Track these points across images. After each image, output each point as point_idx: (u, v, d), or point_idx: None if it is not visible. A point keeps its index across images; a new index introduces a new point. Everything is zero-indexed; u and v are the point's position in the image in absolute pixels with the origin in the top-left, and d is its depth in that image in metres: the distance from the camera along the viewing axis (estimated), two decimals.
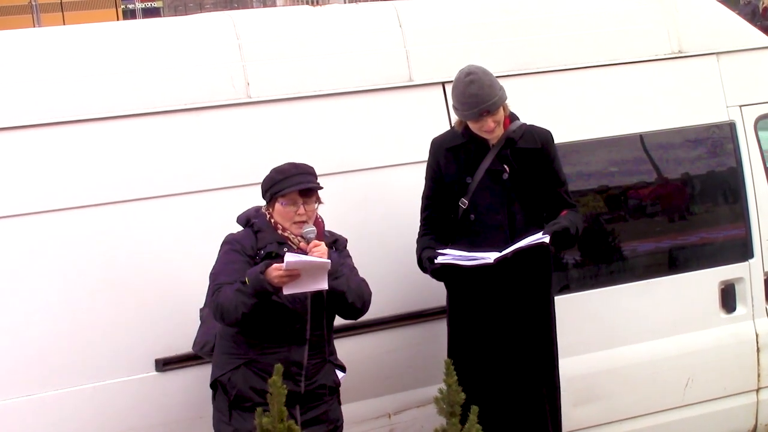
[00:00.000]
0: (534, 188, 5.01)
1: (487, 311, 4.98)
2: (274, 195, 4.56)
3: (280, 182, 4.55)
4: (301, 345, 4.54)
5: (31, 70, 4.80)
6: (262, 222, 4.59)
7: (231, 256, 4.53)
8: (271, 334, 4.51)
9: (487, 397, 4.79)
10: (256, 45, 5.15)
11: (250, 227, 4.60)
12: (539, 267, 4.98)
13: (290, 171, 4.57)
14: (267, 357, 4.47)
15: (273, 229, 4.56)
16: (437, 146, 5.06)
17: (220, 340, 4.62)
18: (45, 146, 4.79)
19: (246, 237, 4.58)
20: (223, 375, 4.55)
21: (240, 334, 4.53)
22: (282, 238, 4.55)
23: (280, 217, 4.57)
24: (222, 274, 4.49)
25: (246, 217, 4.64)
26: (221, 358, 4.59)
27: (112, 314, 4.80)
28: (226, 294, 4.40)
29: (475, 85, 4.84)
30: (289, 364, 4.49)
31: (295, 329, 4.54)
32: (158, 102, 4.95)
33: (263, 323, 4.48)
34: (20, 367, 4.66)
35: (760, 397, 6.06)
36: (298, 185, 4.52)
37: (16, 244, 4.71)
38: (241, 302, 4.37)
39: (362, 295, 4.63)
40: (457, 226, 5.03)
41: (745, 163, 5.97)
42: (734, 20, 6.14)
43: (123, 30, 5.34)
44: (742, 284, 5.95)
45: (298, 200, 4.54)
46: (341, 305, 4.61)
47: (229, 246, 4.57)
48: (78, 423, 4.76)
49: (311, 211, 4.58)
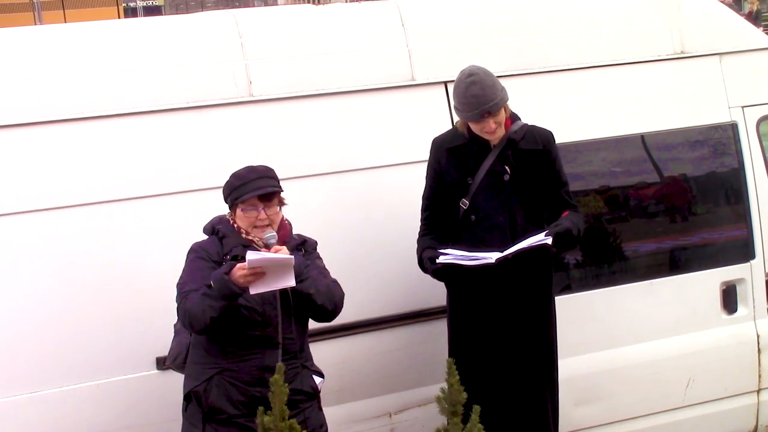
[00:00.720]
0: (535, 189, 5.00)
1: (488, 311, 4.97)
2: (234, 201, 4.50)
3: (238, 188, 4.48)
4: (274, 349, 4.47)
5: (33, 68, 4.80)
6: (226, 228, 4.53)
7: (197, 264, 4.47)
8: (242, 340, 4.44)
9: (488, 397, 4.78)
10: (259, 43, 5.15)
11: (215, 234, 4.55)
12: (539, 267, 4.98)
13: (248, 176, 4.50)
14: (241, 364, 4.42)
15: (237, 234, 4.50)
16: (438, 146, 5.05)
17: (192, 350, 4.55)
18: (45, 144, 4.79)
19: (211, 244, 4.52)
20: (198, 386, 4.46)
21: (212, 342, 4.46)
22: (246, 241, 4.49)
23: (241, 222, 4.51)
24: (188, 281, 4.42)
25: (211, 226, 4.59)
26: (194, 369, 4.52)
27: (114, 312, 4.80)
28: (193, 300, 4.33)
29: (477, 86, 4.83)
30: (263, 369, 4.41)
31: (266, 333, 4.46)
32: (160, 100, 4.95)
33: (234, 329, 4.41)
34: (22, 365, 4.67)
35: (760, 398, 6.06)
36: (257, 190, 4.45)
37: (17, 242, 4.71)
38: (208, 306, 4.29)
39: (332, 297, 4.56)
40: (458, 226, 5.03)
41: (747, 164, 5.97)
42: (737, 21, 6.14)
43: (125, 28, 5.33)
44: (743, 285, 5.95)
45: (258, 205, 4.47)
46: (311, 308, 4.53)
47: (195, 254, 4.51)
48: (79, 420, 4.76)
49: (273, 214, 4.51)
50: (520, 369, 5.00)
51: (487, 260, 4.81)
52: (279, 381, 2.97)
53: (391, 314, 5.26)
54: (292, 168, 5.10)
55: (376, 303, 5.19)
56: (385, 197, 5.27)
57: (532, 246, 4.80)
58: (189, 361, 4.56)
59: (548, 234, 4.81)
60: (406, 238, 5.15)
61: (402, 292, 5.29)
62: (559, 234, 4.83)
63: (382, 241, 5.24)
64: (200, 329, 4.38)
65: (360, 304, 5.17)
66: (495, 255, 4.81)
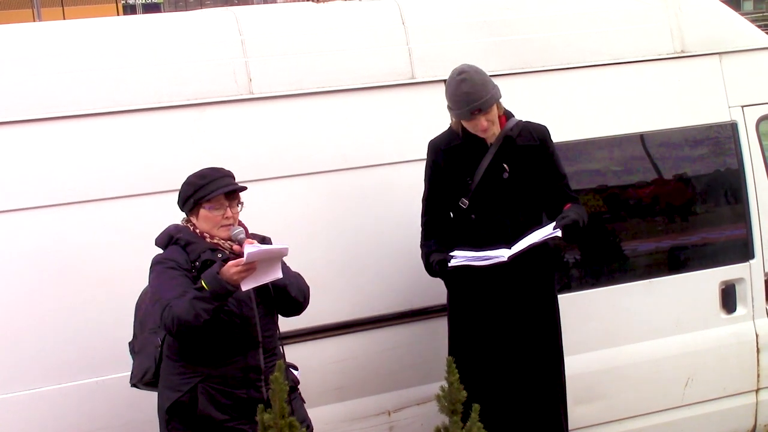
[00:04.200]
0: (534, 185, 5.00)
1: (489, 309, 4.97)
2: (199, 201, 4.42)
3: (204, 187, 4.42)
4: (255, 349, 4.44)
5: (32, 65, 4.80)
6: (187, 235, 4.45)
7: (168, 273, 4.36)
8: (222, 344, 4.39)
9: (488, 395, 4.78)
10: (259, 41, 5.15)
11: (175, 244, 4.46)
12: (541, 264, 4.98)
13: (213, 175, 4.46)
14: (224, 368, 4.38)
15: (201, 239, 4.44)
16: (435, 147, 5.05)
17: (167, 362, 4.44)
18: (45, 141, 4.79)
19: (176, 253, 4.41)
20: (182, 396, 4.38)
21: (189, 351, 4.38)
22: (213, 245, 4.44)
23: (205, 223, 4.45)
24: (165, 291, 4.30)
25: (167, 236, 4.49)
26: (173, 380, 4.42)
27: (112, 310, 4.79)
28: (181, 306, 4.22)
29: (467, 84, 4.82)
30: (248, 370, 4.41)
31: (246, 333, 4.42)
32: (160, 98, 4.95)
33: (214, 333, 4.33)
34: (21, 362, 4.67)
35: (759, 397, 6.06)
36: (224, 188, 4.42)
37: (16, 240, 4.71)
38: (201, 309, 4.20)
39: (302, 289, 4.53)
40: (458, 226, 5.02)
41: (747, 164, 5.97)
42: (737, 21, 6.14)
43: (125, 25, 5.33)
44: (742, 285, 5.95)
45: (224, 203, 4.44)
46: (284, 301, 4.50)
47: (162, 265, 4.39)
48: (78, 417, 4.76)
49: (236, 213, 4.48)
50: (527, 368, 4.99)
51: (499, 259, 4.80)
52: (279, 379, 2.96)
53: (391, 312, 5.26)
54: (292, 166, 5.10)
55: (375, 301, 5.19)
56: (386, 195, 5.27)
57: (543, 240, 4.79)
58: (165, 373, 4.45)
59: (557, 227, 4.79)
60: (407, 236, 5.15)
61: (402, 290, 5.29)
62: (568, 226, 4.81)
63: (382, 239, 5.24)
64: (189, 335, 4.28)
65: (360, 302, 5.17)
66: (507, 252, 4.80)
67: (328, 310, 5.09)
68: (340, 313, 5.06)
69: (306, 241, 5.02)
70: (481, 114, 4.84)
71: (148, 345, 4.50)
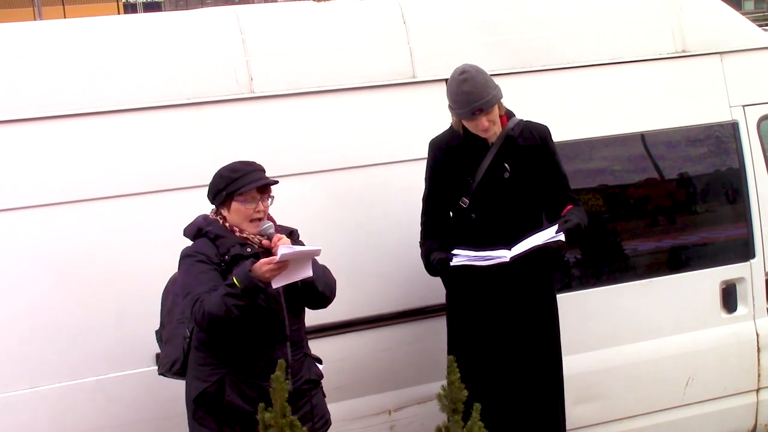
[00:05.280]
0: (535, 185, 5.00)
1: (488, 308, 4.97)
2: (231, 194, 4.45)
3: (237, 180, 4.44)
4: (282, 343, 4.48)
5: (33, 64, 4.80)
6: (217, 228, 4.48)
7: (198, 267, 4.40)
8: (251, 336, 4.42)
9: (487, 394, 4.78)
10: (260, 40, 5.15)
11: (204, 236, 4.49)
12: (540, 263, 4.97)
13: (245, 169, 4.48)
14: (251, 361, 4.40)
15: (231, 233, 4.47)
16: (436, 146, 5.04)
17: (195, 353, 4.48)
18: (46, 140, 4.79)
19: (206, 246, 4.44)
20: (209, 387, 4.42)
21: (219, 342, 4.41)
22: (242, 239, 4.46)
23: (236, 217, 4.47)
24: (195, 285, 4.34)
25: (196, 228, 4.52)
26: (201, 370, 4.45)
27: (113, 309, 4.80)
28: (213, 301, 4.26)
29: (468, 84, 4.82)
30: (275, 363, 4.39)
31: (274, 327, 4.46)
32: (161, 96, 4.95)
33: (242, 326, 4.36)
34: (23, 361, 4.67)
35: (760, 397, 6.06)
36: (257, 182, 4.45)
37: (17, 239, 4.71)
38: (232, 305, 4.24)
39: (329, 283, 4.57)
40: (458, 225, 5.02)
41: (748, 163, 5.97)
42: (738, 20, 6.14)
43: (125, 24, 5.33)
44: (743, 284, 5.95)
45: (256, 197, 4.47)
46: (312, 295, 4.53)
47: (192, 258, 4.42)
48: (79, 416, 4.77)
49: (267, 207, 4.51)
50: (525, 367, 5.00)
51: (501, 259, 4.79)
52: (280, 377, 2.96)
53: (391, 311, 5.26)
54: (292, 165, 5.10)
55: (376, 300, 5.19)
56: (386, 194, 5.27)
57: (545, 243, 4.79)
58: (193, 364, 4.49)
59: (559, 231, 4.78)
60: (407, 236, 5.15)
61: (402, 290, 5.29)
62: (570, 230, 4.81)
63: (382, 239, 5.24)
64: (219, 330, 4.32)
65: (360, 302, 5.17)
66: (509, 253, 4.79)
67: (328, 310, 5.05)
68: (340, 313, 5.05)
69: (306, 240, 5.01)
70: (482, 114, 4.84)
71: (177, 335, 4.54)
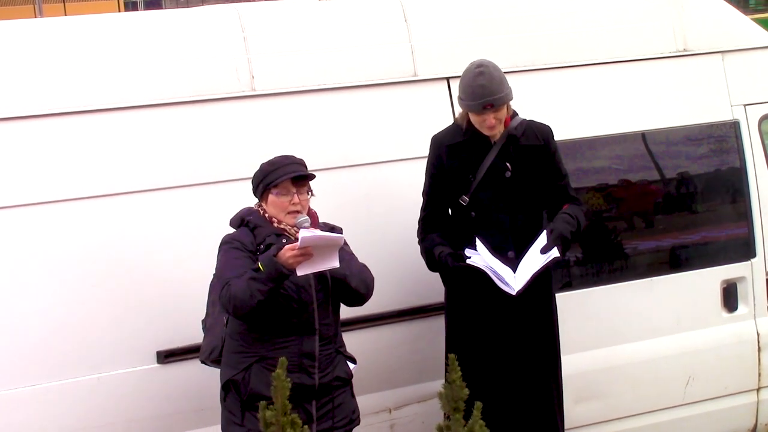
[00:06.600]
0: (536, 185, 5.00)
1: (486, 308, 4.96)
2: (267, 186, 4.55)
3: (272, 173, 4.55)
4: (311, 335, 4.53)
5: (35, 61, 4.79)
6: (256, 218, 4.59)
7: (233, 253, 4.52)
8: (280, 327, 4.49)
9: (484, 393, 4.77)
10: (262, 38, 5.14)
11: (245, 226, 4.59)
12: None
13: (282, 161, 4.58)
14: (279, 351, 4.43)
15: (269, 224, 4.56)
16: (438, 143, 5.04)
17: (228, 341, 4.59)
18: (48, 137, 4.78)
19: (243, 234, 4.57)
20: (237, 374, 4.51)
21: (249, 331, 4.51)
22: (279, 230, 4.55)
23: (274, 209, 4.57)
24: (227, 270, 4.46)
25: (240, 218, 4.64)
26: (232, 358, 4.56)
27: (115, 306, 4.80)
28: (239, 285, 4.36)
29: (484, 77, 4.83)
30: (302, 356, 4.50)
31: (303, 319, 4.51)
32: (162, 94, 4.95)
33: (271, 316, 4.45)
34: (24, 358, 4.66)
35: (760, 396, 6.06)
36: (291, 173, 4.52)
37: (19, 236, 4.70)
38: (256, 290, 4.32)
39: (365, 280, 4.62)
40: (458, 223, 5.02)
41: (749, 163, 5.97)
42: (740, 19, 6.14)
43: (126, 21, 5.32)
44: (744, 283, 5.95)
45: (291, 189, 4.54)
46: (345, 291, 4.60)
47: (229, 245, 4.56)
48: (80, 413, 4.76)
49: (305, 200, 4.58)
50: (524, 366, 4.99)
51: (508, 289, 4.80)
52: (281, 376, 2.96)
53: (391, 310, 5.26)
54: None
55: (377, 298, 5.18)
56: (387, 193, 5.27)
57: (546, 265, 4.82)
58: (226, 352, 4.58)
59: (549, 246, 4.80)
60: (407, 235, 5.15)
61: (403, 288, 5.29)
62: (559, 238, 4.85)
63: (382, 237, 5.24)
64: (244, 314, 4.40)
65: None
66: (515, 288, 4.79)
67: None
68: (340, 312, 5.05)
69: None
70: (492, 110, 4.85)
71: (217, 324, 4.62)
